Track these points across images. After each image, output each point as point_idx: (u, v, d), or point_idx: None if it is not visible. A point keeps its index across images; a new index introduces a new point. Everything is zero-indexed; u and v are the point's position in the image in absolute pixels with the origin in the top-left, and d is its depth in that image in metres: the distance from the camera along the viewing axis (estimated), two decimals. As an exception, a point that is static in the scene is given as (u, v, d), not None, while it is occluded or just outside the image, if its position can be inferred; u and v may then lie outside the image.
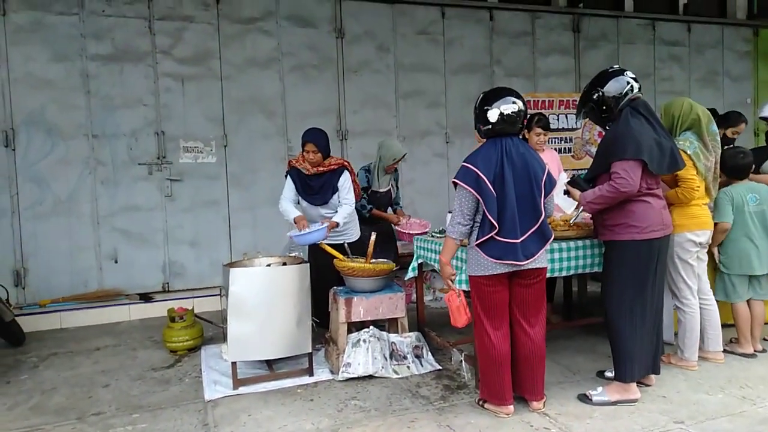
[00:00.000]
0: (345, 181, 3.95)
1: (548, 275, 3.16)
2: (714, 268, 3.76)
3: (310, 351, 3.49)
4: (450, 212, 4.41)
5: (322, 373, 3.53)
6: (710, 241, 3.38)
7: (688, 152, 3.19)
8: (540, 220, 2.81)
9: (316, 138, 3.89)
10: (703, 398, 3.01)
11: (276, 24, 5.61)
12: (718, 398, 3.01)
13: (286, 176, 4.09)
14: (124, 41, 5.14)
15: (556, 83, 6.75)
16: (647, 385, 3.14)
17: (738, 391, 3.09)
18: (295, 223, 3.86)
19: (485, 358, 2.91)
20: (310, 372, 3.50)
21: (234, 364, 3.36)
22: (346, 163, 4.06)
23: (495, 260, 2.77)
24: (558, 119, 6.71)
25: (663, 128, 2.99)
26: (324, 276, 3.86)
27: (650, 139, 2.86)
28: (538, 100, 6.62)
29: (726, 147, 4.34)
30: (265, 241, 5.49)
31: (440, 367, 3.57)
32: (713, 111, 6.17)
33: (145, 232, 5.24)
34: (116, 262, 5.17)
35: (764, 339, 3.83)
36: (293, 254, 4.09)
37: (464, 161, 2.84)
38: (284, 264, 3.61)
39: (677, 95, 7.23)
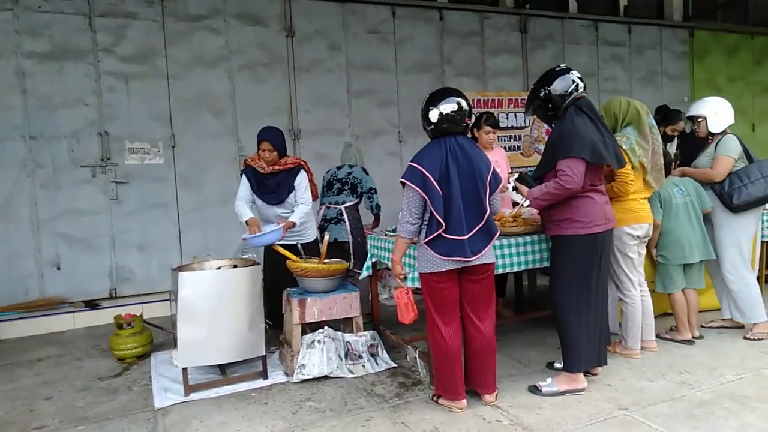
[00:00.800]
0: (301, 181, 3.92)
1: (499, 271, 3.25)
2: (651, 261, 3.93)
3: (264, 354, 3.45)
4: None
5: (276, 376, 3.49)
6: (649, 235, 3.52)
7: (624, 147, 3.31)
8: (485, 217, 2.87)
9: (272, 136, 3.85)
10: (646, 385, 3.15)
11: (224, 22, 5.50)
12: (659, 384, 3.15)
13: (241, 175, 4.03)
14: (62, 38, 4.92)
15: (505, 82, 6.89)
16: (594, 375, 3.25)
17: (678, 376, 3.25)
18: (248, 225, 3.81)
19: (438, 354, 2.96)
20: (264, 375, 3.46)
21: (185, 370, 3.28)
22: (302, 163, 4.03)
23: (444, 257, 2.82)
24: (507, 117, 6.85)
25: (605, 126, 3.09)
26: (278, 277, 3.83)
27: (594, 137, 2.95)
28: (487, 99, 6.74)
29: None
30: (217, 243, 5.39)
31: (395, 365, 3.59)
32: (664, 108, 6.53)
33: (90, 237, 5.05)
34: (59, 268, 4.95)
35: (701, 326, 4.04)
36: (246, 256, 4.04)
37: (410, 161, 2.88)
38: (235, 266, 3.55)
39: (620, 94, 7.47)
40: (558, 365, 3.34)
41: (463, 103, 2.88)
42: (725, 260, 3.86)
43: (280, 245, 3.69)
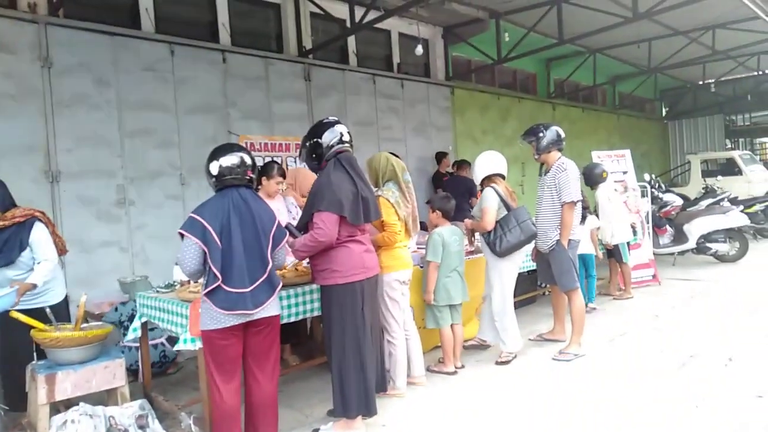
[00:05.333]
0: (39, 235, 3.38)
1: (283, 321, 3.24)
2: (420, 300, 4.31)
3: (-2, 446, 2.88)
4: (176, 264, 4.20)
5: (16, 470, 2.94)
6: (410, 279, 3.83)
7: (391, 201, 3.60)
8: (268, 270, 2.87)
9: None
10: (416, 421, 3.39)
11: (-45, 44, 4.66)
12: (428, 419, 3.42)
13: None
14: None
15: (291, 127, 7.03)
16: (370, 416, 3.39)
17: (442, 410, 3.56)
18: None
19: (216, 415, 2.85)
20: (-2, 472, 2.88)
21: None
22: (37, 214, 3.47)
23: (226, 312, 2.74)
24: (296, 162, 6.98)
25: (364, 180, 3.29)
26: (18, 350, 3.24)
27: (348, 192, 3.12)
28: (275, 143, 6.81)
29: (437, 192, 5.14)
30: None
31: (169, 435, 3.30)
32: (443, 153, 7.95)
33: None
34: None
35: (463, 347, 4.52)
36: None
37: (191, 212, 2.82)
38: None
39: (396, 142, 8.29)
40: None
41: (246, 158, 2.92)
42: (494, 294, 4.38)
43: (20, 311, 3.12)
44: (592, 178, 6.32)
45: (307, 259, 3.39)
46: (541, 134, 4.48)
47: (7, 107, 4.90)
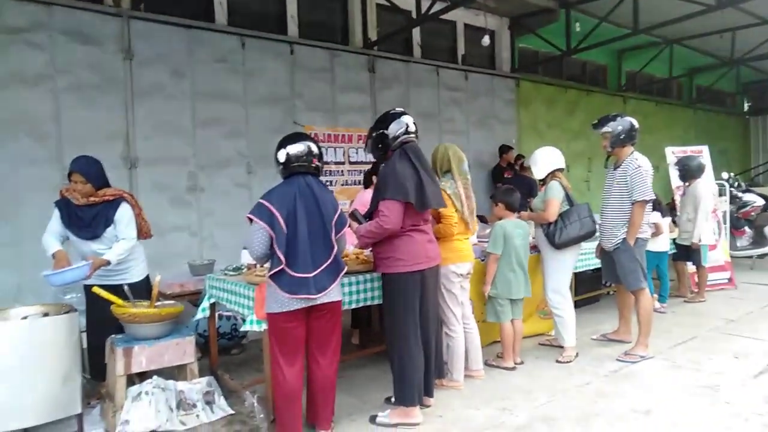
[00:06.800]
0: (123, 214, 3.56)
1: (344, 307, 3.30)
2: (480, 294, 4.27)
3: (80, 411, 3.09)
4: (245, 248, 4.34)
5: (95, 435, 3.16)
6: (471, 273, 3.80)
7: (448, 192, 3.59)
8: (332, 255, 2.95)
9: (81, 167, 3.48)
10: (472, 414, 3.38)
11: (48, 37, 4.99)
12: (484, 412, 3.40)
13: (55, 206, 3.60)
14: None
15: (354, 118, 7.11)
16: (427, 406, 3.41)
17: (500, 403, 3.53)
18: (53, 259, 3.37)
19: (279, 396, 2.95)
20: (79, 435, 3.10)
21: (-22, 438, 2.82)
22: (125, 195, 3.66)
23: (290, 295, 2.83)
24: (357, 153, 7.07)
25: (428, 170, 3.28)
26: (100, 323, 3.47)
27: (413, 180, 3.13)
28: (338, 134, 6.91)
29: (500, 184, 5.09)
30: (34, 284, 4.71)
31: (233, 412, 3.42)
32: (508, 146, 7.79)
33: None
34: None
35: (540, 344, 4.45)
36: (67, 297, 3.62)
37: (260, 198, 2.92)
38: (46, 314, 3.16)
39: (458, 135, 8.21)
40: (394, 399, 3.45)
41: (312, 147, 3.02)
42: (548, 288, 4.34)
43: (103, 287, 3.33)
44: (689, 172, 6.03)
45: (370, 248, 3.43)
46: (615, 125, 4.29)
47: (92, 97, 5.22)
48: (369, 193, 4.28)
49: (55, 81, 5.03)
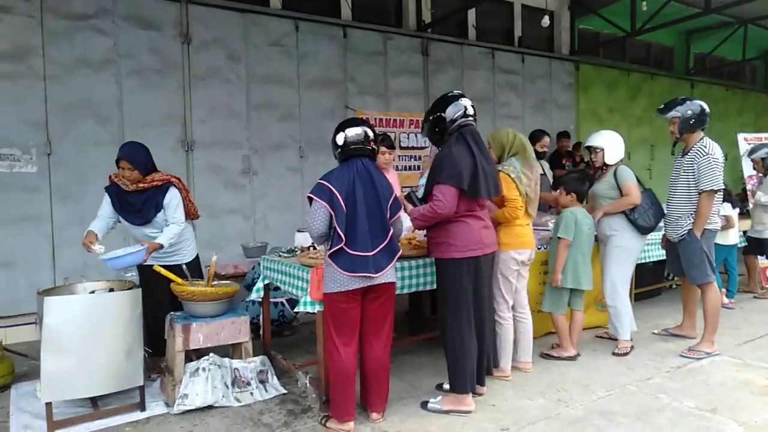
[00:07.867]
0: (171, 199, 3.63)
1: (396, 292, 3.27)
2: (542, 282, 4.14)
3: (142, 384, 3.21)
4: (299, 231, 4.38)
5: (156, 407, 3.26)
6: (532, 259, 3.69)
7: (512, 176, 3.47)
8: (389, 236, 2.96)
9: (128, 154, 3.55)
10: (526, 404, 3.29)
11: (112, 23, 5.15)
12: (538, 403, 3.30)
13: (105, 192, 3.72)
14: None
15: (406, 103, 7.03)
16: (480, 395, 3.35)
17: (555, 394, 3.43)
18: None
19: (334, 375, 2.97)
20: (141, 407, 3.22)
21: (49, 404, 2.97)
22: (173, 179, 3.72)
23: (348, 273, 2.85)
24: (408, 138, 6.99)
25: (485, 155, 3.19)
26: (159, 300, 3.58)
27: (469, 165, 3.04)
28: (389, 119, 6.85)
29: (569, 171, 4.90)
30: (98, 262, 4.94)
31: (285, 391, 3.49)
32: (565, 132, 7.45)
33: (-58, 252, 4.48)
34: None
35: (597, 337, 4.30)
36: (129, 275, 3.75)
37: (319, 179, 2.95)
38: (111, 290, 3.28)
39: (514, 120, 7.99)
40: (446, 386, 3.40)
41: (369, 131, 3.03)
42: (606, 278, 4.18)
43: (162, 266, 3.45)
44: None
45: (424, 232, 3.37)
46: (684, 109, 4.02)
47: (152, 80, 5.37)
48: None
49: (119, 65, 5.19)
